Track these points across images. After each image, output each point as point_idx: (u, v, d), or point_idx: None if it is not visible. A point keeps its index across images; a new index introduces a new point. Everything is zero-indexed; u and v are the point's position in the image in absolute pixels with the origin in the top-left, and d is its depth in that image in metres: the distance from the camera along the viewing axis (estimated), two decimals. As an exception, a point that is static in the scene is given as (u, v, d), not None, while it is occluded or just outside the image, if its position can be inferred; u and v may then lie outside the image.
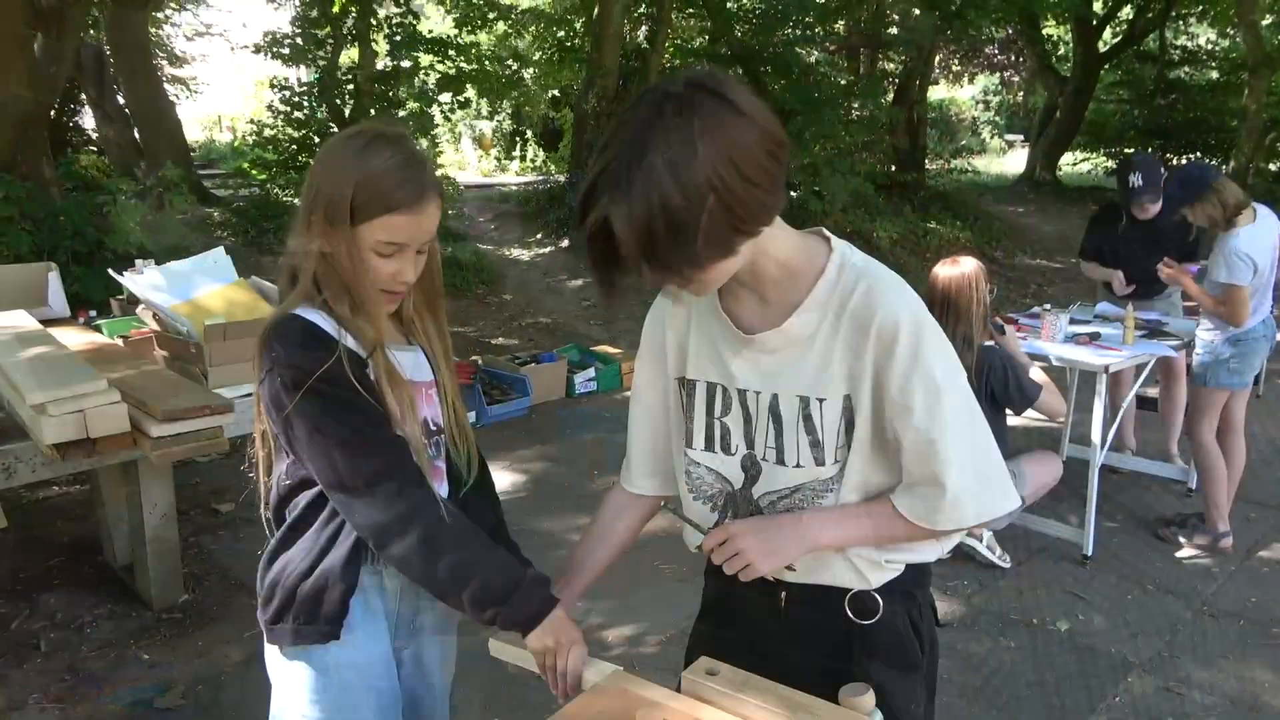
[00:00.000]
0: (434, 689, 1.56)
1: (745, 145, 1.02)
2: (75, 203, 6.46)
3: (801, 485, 1.26)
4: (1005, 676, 2.86)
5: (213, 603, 3.31)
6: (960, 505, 1.21)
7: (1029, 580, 3.48)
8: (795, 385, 1.23)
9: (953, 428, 1.18)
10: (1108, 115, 15.78)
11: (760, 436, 1.27)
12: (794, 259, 1.20)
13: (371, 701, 1.42)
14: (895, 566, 1.31)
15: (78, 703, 2.72)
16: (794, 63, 11.30)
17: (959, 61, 19.70)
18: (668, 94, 1.02)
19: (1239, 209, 3.44)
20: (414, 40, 9.23)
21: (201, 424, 2.29)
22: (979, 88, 25.63)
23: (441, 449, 1.47)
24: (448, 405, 1.49)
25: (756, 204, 1.05)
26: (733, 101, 1.02)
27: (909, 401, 1.18)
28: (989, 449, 1.24)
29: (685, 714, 1.16)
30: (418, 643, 1.51)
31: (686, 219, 1.00)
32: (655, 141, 0.99)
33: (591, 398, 5.94)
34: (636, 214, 1.00)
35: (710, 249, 1.04)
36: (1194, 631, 3.12)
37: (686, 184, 0.99)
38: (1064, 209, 13.44)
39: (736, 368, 1.27)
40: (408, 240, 1.32)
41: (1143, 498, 4.28)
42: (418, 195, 1.30)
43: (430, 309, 1.50)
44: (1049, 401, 3.30)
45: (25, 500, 4.24)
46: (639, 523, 1.50)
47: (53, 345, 2.65)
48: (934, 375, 1.17)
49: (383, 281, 1.34)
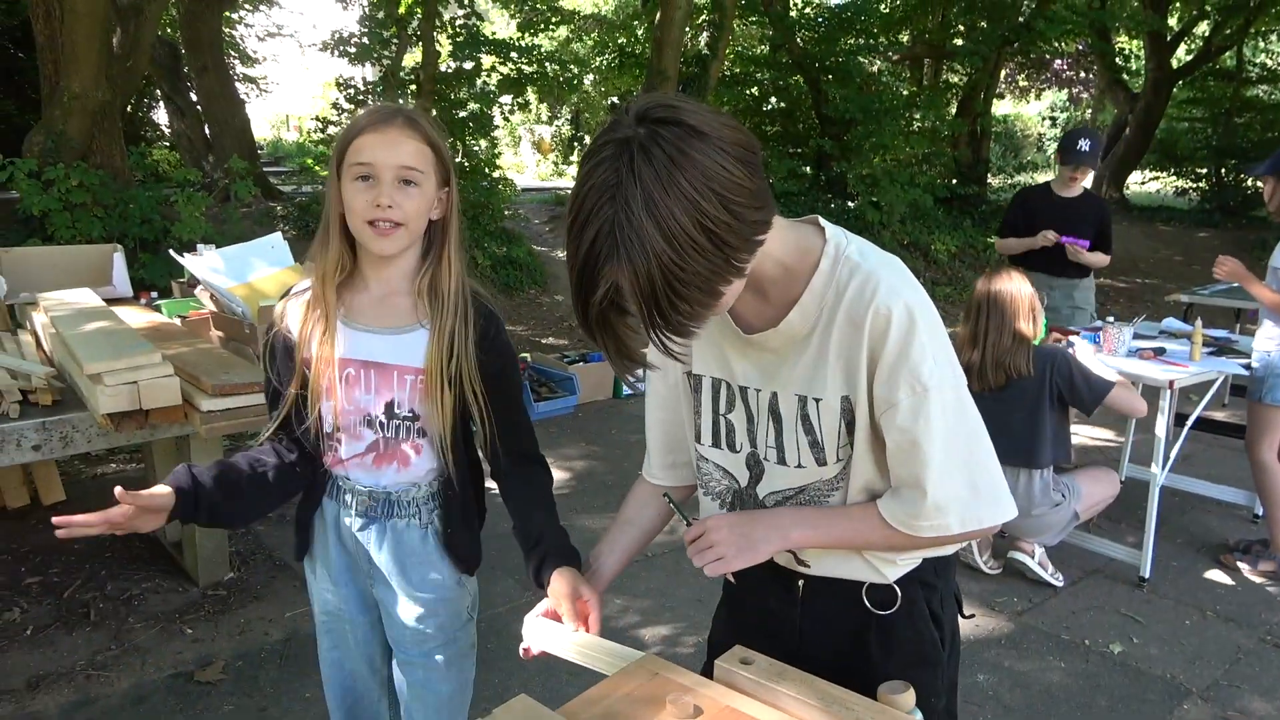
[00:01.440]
0: (393, 628, 1.62)
1: (718, 170, 0.96)
2: (145, 192, 6.66)
3: (806, 486, 1.24)
4: (1053, 697, 2.76)
5: (257, 582, 3.35)
6: (943, 512, 1.15)
7: (1082, 600, 3.36)
8: (793, 384, 1.20)
9: (939, 429, 1.13)
10: (1179, 134, 15.38)
11: (761, 435, 1.25)
12: (789, 255, 1.15)
13: (322, 615, 1.66)
14: (911, 561, 1.27)
15: (122, 672, 2.77)
16: (856, 72, 11.19)
17: (1026, 77, 19.32)
18: (625, 141, 0.96)
19: None
20: (476, 41, 9.34)
21: (251, 400, 2.33)
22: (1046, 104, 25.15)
23: (413, 433, 1.51)
24: (432, 392, 1.46)
25: (748, 223, 1.00)
26: (691, 126, 0.97)
27: (894, 399, 1.13)
28: (981, 456, 1.18)
29: (716, 701, 1.13)
30: (376, 583, 1.60)
31: (687, 267, 0.96)
32: (633, 199, 0.94)
33: (638, 399, 5.92)
34: (641, 280, 0.95)
35: (717, 280, 1.00)
36: (1256, 661, 2.98)
37: (677, 235, 0.94)
38: (1130, 228, 13.09)
39: (738, 365, 1.25)
40: (374, 160, 1.37)
41: (1204, 521, 4.12)
42: (382, 119, 1.40)
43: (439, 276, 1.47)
44: (1123, 397, 3.17)
45: (83, 475, 4.37)
46: (663, 515, 1.48)
47: (113, 320, 2.71)
48: (920, 373, 1.11)
49: (362, 210, 1.39)
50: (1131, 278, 11.14)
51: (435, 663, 1.62)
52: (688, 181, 0.95)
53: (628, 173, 0.95)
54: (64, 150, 6.30)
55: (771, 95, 12.40)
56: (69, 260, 3.78)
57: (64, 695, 2.65)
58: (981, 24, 11.66)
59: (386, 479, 1.53)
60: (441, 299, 1.47)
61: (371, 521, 1.55)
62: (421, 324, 1.48)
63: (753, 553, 1.21)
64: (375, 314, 1.49)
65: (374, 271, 1.49)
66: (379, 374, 1.49)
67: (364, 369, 1.48)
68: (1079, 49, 15.20)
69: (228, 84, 10.09)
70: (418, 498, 1.55)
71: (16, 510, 3.86)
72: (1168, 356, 3.60)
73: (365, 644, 1.66)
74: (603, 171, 0.96)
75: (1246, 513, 4.15)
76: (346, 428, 1.50)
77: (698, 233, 0.95)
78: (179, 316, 3.32)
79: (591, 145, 1.01)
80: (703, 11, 10.58)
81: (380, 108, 1.44)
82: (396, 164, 1.38)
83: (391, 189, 1.38)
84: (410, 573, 1.57)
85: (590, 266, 0.98)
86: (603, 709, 1.11)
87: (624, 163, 0.95)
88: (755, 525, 1.23)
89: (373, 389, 1.49)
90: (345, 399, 1.48)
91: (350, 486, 1.54)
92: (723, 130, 0.99)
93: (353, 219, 1.41)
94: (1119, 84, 15.19)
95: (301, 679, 2.76)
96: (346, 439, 1.51)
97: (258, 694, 2.69)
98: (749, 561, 1.22)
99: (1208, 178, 14.97)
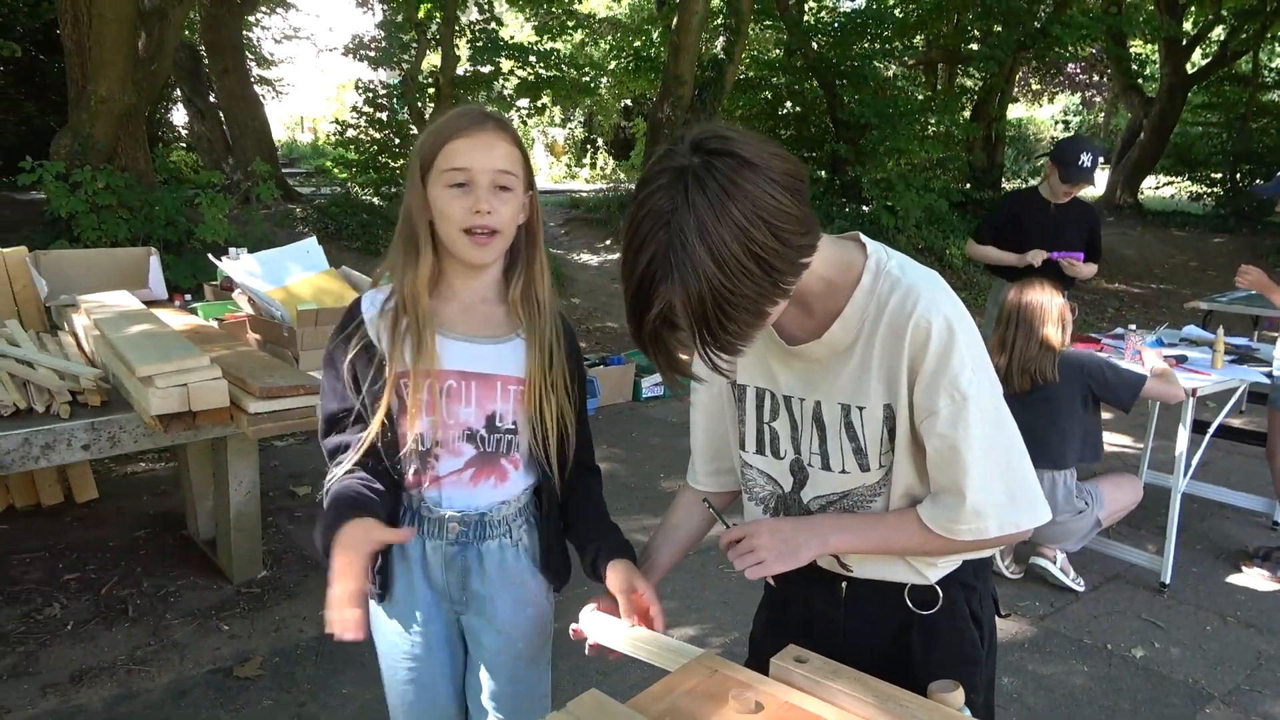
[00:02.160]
0: (485, 658, 1.55)
1: (767, 199, 1.02)
2: (169, 194, 6.74)
3: (850, 491, 1.29)
4: (1076, 700, 2.80)
5: (290, 580, 3.41)
6: (981, 516, 1.20)
7: (1104, 605, 3.40)
8: (836, 393, 1.25)
9: (977, 436, 1.17)
10: (1194, 138, 15.36)
11: (805, 442, 1.30)
12: (832, 271, 1.20)
13: (406, 661, 1.54)
14: (951, 563, 1.31)
15: (162, 667, 2.83)
16: (871, 76, 11.23)
17: (1039, 80, 19.31)
18: (681, 170, 1.02)
19: None
20: (495, 46, 9.42)
21: (296, 403, 2.38)
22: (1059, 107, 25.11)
23: (514, 447, 1.47)
24: (533, 403, 1.45)
25: (794, 248, 1.06)
26: (744, 157, 1.02)
27: (934, 406, 1.17)
28: (1018, 462, 1.23)
29: (775, 697, 1.18)
30: (470, 613, 1.53)
31: (736, 290, 1.02)
32: (687, 225, 1.00)
33: (658, 402, 5.97)
34: (693, 301, 1.01)
35: (764, 302, 1.06)
36: (1278, 666, 3.01)
37: (728, 261, 1.00)
38: (1144, 233, 13.09)
39: (782, 375, 1.30)
40: (470, 165, 1.34)
41: (1223, 527, 4.15)
42: (474, 123, 1.36)
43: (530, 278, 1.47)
44: (1159, 387, 3.22)
45: (114, 474, 4.44)
46: (707, 520, 1.52)
47: (157, 324, 2.77)
48: (959, 382, 1.16)
49: (460, 218, 1.35)
50: (1146, 284, 11.14)
51: (528, 680, 1.59)
52: (739, 210, 1.01)
53: (683, 200, 1.01)
54: (90, 153, 6.39)
55: (786, 100, 12.44)
56: (105, 263, 3.85)
57: (106, 689, 2.71)
58: (997, 29, 11.68)
59: (482, 497, 1.46)
60: (538, 306, 1.45)
61: (465, 547, 1.47)
62: (518, 333, 1.46)
63: (793, 557, 1.26)
64: (469, 323, 1.44)
65: (462, 280, 1.44)
66: (480, 385, 1.43)
67: (465, 381, 1.42)
68: (1093, 53, 15.19)
69: (248, 86, 10.19)
70: (508, 515, 1.49)
71: (51, 508, 3.93)
72: (1189, 364, 3.64)
73: (455, 679, 1.58)
74: (659, 198, 1.03)
75: (1266, 519, 4.18)
76: (445, 443, 1.42)
77: (747, 258, 1.01)
78: (215, 319, 3.38)
79: (648, 171, 1.07)
80: (718, 16, 10.63)
81: (467, 111, 1.39)
82: (492, 168, 1.35)
83: (489, 194, 1.35)
84: (507, 595, 1.51)
85: (645, 287, 1.04)
86: (667, 704, 1.16)
87: (679, 190, 1.02)
88: (796, 531, 1.28)
89: (473, 401, 1.43)
90: (446, 413, 1.42)
91: (440, 511, 1.45)
92: (772, 161, 1.05)
93: (447, 226, 1.36)
94: (1134, 89, 15.18)
95: (337, 676, 2.82)
96: (445, 455, 1.43)
97: (295, 689, 2.74)
98: (788, 566, 1.26)
99: (1222, 183, 14.95)
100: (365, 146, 9.83)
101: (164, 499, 4.15)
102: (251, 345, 3.07)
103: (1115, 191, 14.78)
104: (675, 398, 6.07)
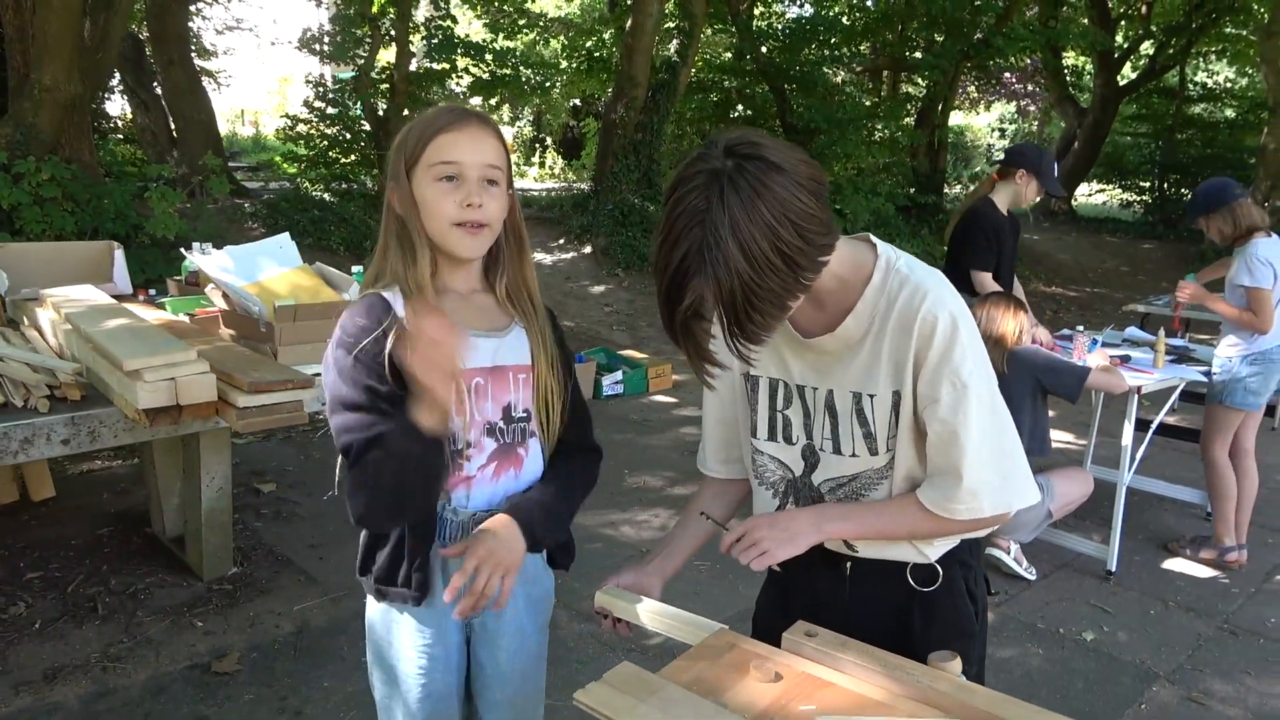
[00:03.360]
0: (498, 659, 1.55)
1: (794, 201, 1.11)
2: (118, 187, 6.58)
3: (859, 474, 1.37)
4: (1032, 681, 2.95)
5: (261, 576, 3.40)
6: (977, 496, 1.30)
7: (1055, 592, 3.57)
8: (848, 382, 1.34)
9: (975, 422, 1.26)
10: (1125, 148, 15.96)
11: (818, 429, 1.39)
12: (845, 269, 1.29)
13: (422, 672, 1.50)
14: (948, 542, 1.40)
15: (138, 664, 2.81)
16: (820, 82, 11.45)
17: (977, 88, 19.86)
18: (715, 173, 1.10)
19: (1251, 231, 3.57)
20: (451, 44, 9.38)
21: (283, 397, 2.39)
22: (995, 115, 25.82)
23: (527, 434, 1.50)
24: (541, 389, 1.49)
25: (817, 246, 1.16)
26: (773, 162, 1.11)
27: (936, 394, 1.27)
28: (1011, 447, 1.33)
29: (792, 668, 1.26)
30: (487, 615, 1.51)
31: (764, 284, 1.11)
32: (721, 223, 1.08)
33: (619, 400, 6.04)
34: (724, 293, 1.11)
35: (788, 296, 1.15)
36: (1215, 646, 3.20)
37: (758, 257, 1.10)
38: (1079, 238, 13.57)
39: (795, 367, 1.39)
40: (460, 158, 1.35)
41: (1162, 518, 4.37)
42: (461, 118, 1.37)
43: (522, 275, 1.50)
44: (1103, 377, 3.40)
45: (71, 472, 4.35)
46: (728, 507, 1.59)
47: (134, 318, 2.75)
48: (961, 371, 1.25)
49: (451, 213, 1.36)
50: (1081, 287, 11.55)
51: (535, 676, 1.61)
52: (768, 210, 1.10)
53: (717, 200, 1.10)
54: (33, 143, 6.22)
55: (738, 103, 12.62)
56: (65, 256, 3.78)
57: (82, 686, 2.68)
58: (940, 39, 12.01)
59: (502, 487, 1.48)
60: (528, 296, 1.50)
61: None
62: (515, 322, 1.49)
63: (793, 545, 1.34)
64: (469, 317, 1.45)
65: (450, 273, 1.45)
66: (494, 379, 1.46)
67: (486, 376, 1.45)
68: (1028, 64, 15.69)
69: (194, 78, 9.98)
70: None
71: (7, 506, 3.84)
72: (1133, 364, 3.83)
73: (461, 685, 1.57)
74: (694, 198, 1.12)
75: (1200, 511, 4.41)
76: (475, 441, 1.44)
77: (774, 255, 1.11)
78: (186, 314, 3.35)
79: (683, 171, 1.15)
80: (672, 18, 10.74)
81: (450, 107, 1.41)
82: (482, 162, 1.37)
83: (478, 189, 1.36)
84: (525, 592, 1.53)
85: (679, 280, 1.13)
86: (693, 675, 1.23)
87: (714, 192, 1.11)
88: (793, 520, 1.36)
89: (490, 395, 1.45)
90: (476, 411, 1.43)
91: (466, 512, 1.45)
92: (798, 165, 1.15)
93: (436, 222, 1.37)
94: (1069, 99, 15.72)
95: (317, 669, 2.83)
96: (474, 453, 1.44)
97: (276, 684, 2.75)
98: (790, 553, 1.34)
99: (1151, 191, 15.57)
100: (316, 142, 9.71)
101: (125, 497, 4.08)
102: (226, 340, 3.06)
103: (1051, 198, 15.28)
104: (635, 396, 6.15)
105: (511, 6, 12.30)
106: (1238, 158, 14.10)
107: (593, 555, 3.73)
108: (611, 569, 1.52)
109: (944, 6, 10.55)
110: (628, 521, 4.13)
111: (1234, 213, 3.59)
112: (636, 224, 9.66)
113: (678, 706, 1.13)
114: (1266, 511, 4.31)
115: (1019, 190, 3.88)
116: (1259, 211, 3.63)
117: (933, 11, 10.85)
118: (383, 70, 9.68)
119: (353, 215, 8.73)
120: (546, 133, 20.20)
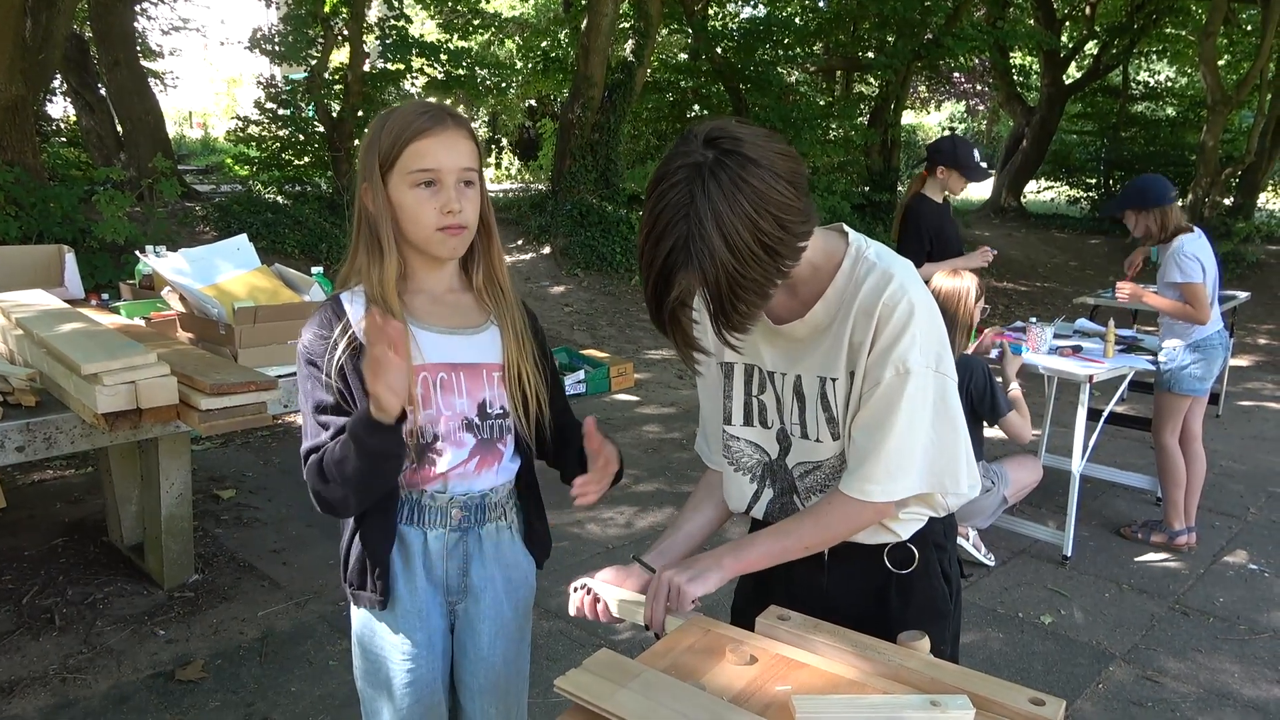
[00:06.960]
0: (479, 646, 1.57)
1: (773, 192, 1.14)
2: (65, 190, 6.44)
3: (823, 461, 1.40)
4: (993, 664, 3.01)
5: (224, 584, 3.35)
6: (893, 478, 1.30)
7: (1013, 578, 3.65)
8: (814, 367, 1.37)
9: (907, 407, 1.27)
10: (1071, 146, 16.31)
11: (787, 414, 1.42)
12: (818, 257, 1.32)
13: (406, 663, 1.52)
14: (918, 517, 1.41)
15: (99, 674, 2.76)
16: (775, 81, 11.55)
17: (927, 88, 20.18)
18: (697, 166, 1.13)
19: (1176, 233, 3.72)
20: (405, 44, 9.31)
21: (247, 399, 2.36)
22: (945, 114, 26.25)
23: (505, 429, 1.51)
24: (514, 386, 1.50)
25: (795, 234, 1.18)
26: (750, 156, 1.14)
27: (879, 376, 1.29)
28: (948, 441, 1.32)
29: (766, 650, 1.28)
30: (468, 600, 1.55)
31: (747, 273, 1.14)
32: (704, 217, 1.11)
33: (581, 400, 6.03)
34: (710, 284, 1.14)
35: (768, 284, 1.18)
36: (1168, 627, 3.30)
37: (740, 248, 1.13)
38: (1028, 234, 13.84)
39: (767, 352, 1.41)
40: (438, 165, 1.36)
41: (1114, 505, 4.49)
42: (437, 121, 1.37)
43: (494, 270, 1.52)
44: (1015, 423, 3.43)
45: (20, 483, 4.25)
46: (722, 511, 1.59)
47: (90, 322, 2.70)
48: (908, 358, 1.27)
49: (432, 217, 1.37)
50: (1032, 282, 11.79)
51: (519, 662, 1.63)
52: (748, 202, 1.13)
53: (700, 194, 1.13)
54: (-26, 146, 6.06)
55: (694, 103, 12.68)
56: (13, 261, 3.69)
57: (41, 699, 2.63)
58: (891, 39, 12.19)
59: (484, 482, 1.50)
60: (502, 292, 1.52)
61: (465, 532, 1.51)
62: (490, 320, 1.52)
63: (702, 582, 1.35)
64: (443, 315, 1.48)
65: (426, 272, 1.47)
66: (468, 375, 1.48)
67: (454, 372, 1.47)
68: (977, 63, 15.98)
69: (140, 78, 9.77)
70: (502, 499, 1.55)
71: (-44, 518, 3.75)
72: (1085, 354, 3.93)
73: (446, 671, 1.59)
74: (677, 192, 1.14)
75: (1150, 496, 4.54)
76: (448, 435, 1.46)
77: (756, 246, 1.14)
78: (142, 318, 3.29)
79: (665, 166, 1.17)
80: (627, 19, 10.76)
81: (425, 107, 1.40)
82: (459, 167, 1.38)
83: (458, 193, 1.38)
84: (504, 576, 1.56)
85: (666, 272, 1.16)
86: (670, 660, 1.25)
87: (697, 186, 1.13)
88: (696, 562, 1.39)
89: (463, 392, 1.47)
90: (443, 405, 1.45)
91: (441, 501, 1.49)
92: (776, 157, 1.17)
93: (418, 227, 1.39)
94: (1017, 98, 16.03)
95: (284, 674, 2.80)
96: (450, 448, 1.46)
97: (242, 690, 2.71)
98: (701, 590, 1.35)
99: (1097, 187, 15.93)
100: (268, 144, 9.57)
101: (79, 506, 4.00)
102: (185, 343, 3.01)
103: (1000, 195, 15.57)
104: (597, 395, 6.15)
105: (466, 7, 12.23)
106: (1179, 154, 14.50)
107: (559, 554, 3.70)
108: (578, 567, 1.54)
109: (895, 7, 10.72)
110: (593, 520, 4.14)
111: (1165, 215, 3.74)
112: (595, 224, 9.66)
113: (657, 690, 1.15)
114: (1213, 495, 4.47)
115: (944, 183, 4.02)
116: (1182, 215, 3.80)
117: (884, 12, 11.01)
118: (336, 71, 9.56)
119: (308, 218, 8.61)
120: (502, 134, 20.11)
